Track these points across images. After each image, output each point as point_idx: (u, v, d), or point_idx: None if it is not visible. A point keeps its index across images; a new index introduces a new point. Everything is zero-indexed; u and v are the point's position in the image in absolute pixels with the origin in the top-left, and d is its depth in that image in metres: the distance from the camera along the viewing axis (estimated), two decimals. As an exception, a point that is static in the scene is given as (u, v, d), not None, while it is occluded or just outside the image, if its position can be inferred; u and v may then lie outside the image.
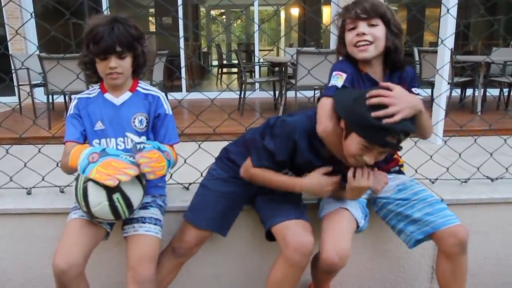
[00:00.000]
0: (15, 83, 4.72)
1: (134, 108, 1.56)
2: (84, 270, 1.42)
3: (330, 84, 1.46)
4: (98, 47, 1.40)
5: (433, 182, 2.05)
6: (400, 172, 1.74)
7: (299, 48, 4.10)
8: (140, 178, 1.41)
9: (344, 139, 1.32)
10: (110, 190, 1.33)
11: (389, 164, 1.71)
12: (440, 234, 1.48)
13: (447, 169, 2.08)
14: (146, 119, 1.57)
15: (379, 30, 1.43)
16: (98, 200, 1.34)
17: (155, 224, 1.53)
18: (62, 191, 1.97)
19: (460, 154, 2.17)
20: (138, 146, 1.36)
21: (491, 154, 2.19)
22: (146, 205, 1.58)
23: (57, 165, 1.96)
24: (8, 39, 5.97)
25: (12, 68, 4.71)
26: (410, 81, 1.54)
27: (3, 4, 5.17)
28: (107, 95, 1.57)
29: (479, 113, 4.34)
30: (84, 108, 1.56)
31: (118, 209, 1.37)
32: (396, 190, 1.63)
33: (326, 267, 1.42)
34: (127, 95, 1.57)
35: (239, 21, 16.20)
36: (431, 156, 2.13)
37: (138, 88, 1.59)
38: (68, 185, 1.97)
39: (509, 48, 6.22)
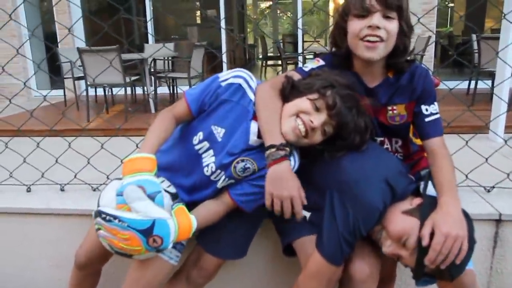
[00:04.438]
0: (62, 77, 4.87)
1: None
2: (101, 268, 1.51)
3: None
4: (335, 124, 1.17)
5: (488, 191, 1.74)
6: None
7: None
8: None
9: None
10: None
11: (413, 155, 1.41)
12: None
13: (508, 175, 1.76)
14: None
15: (395, 25, 1.15)
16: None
17: (173, 247, 1.26)
18: (95, 190, 1.88)
19: (523, 157, 1.85)
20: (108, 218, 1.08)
21: None
22: None
23: (88, 162, 1.95)
24: (57, 33, 6.19)
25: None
26: (423, 93, 1.26)
27: (53, 3, 5.34)
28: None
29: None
30: (232, 102, 1.26)
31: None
32: None
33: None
34: None
35: (289, 13, 16.11)
36: (486, 159, 1.81)
37: None
38: (103, 184, 1.83)
39: None
